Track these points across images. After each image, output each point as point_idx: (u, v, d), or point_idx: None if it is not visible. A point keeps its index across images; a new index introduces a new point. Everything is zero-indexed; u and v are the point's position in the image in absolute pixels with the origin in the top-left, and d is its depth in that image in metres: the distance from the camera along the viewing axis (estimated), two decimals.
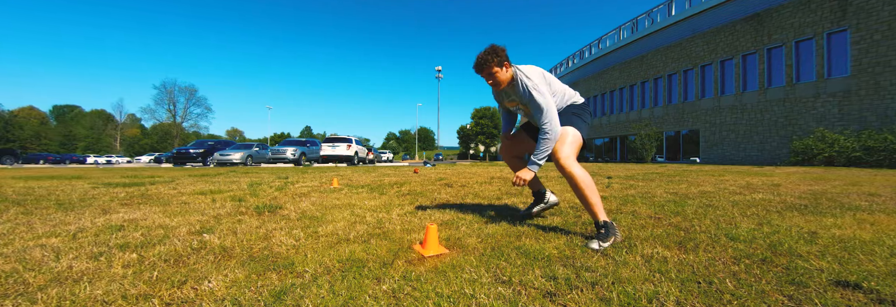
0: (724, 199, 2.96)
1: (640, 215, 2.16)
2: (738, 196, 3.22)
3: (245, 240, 1.51)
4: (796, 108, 14.23)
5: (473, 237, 1.54)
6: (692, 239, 1.53)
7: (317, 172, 7.60)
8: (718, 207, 2.49)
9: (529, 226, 1.82)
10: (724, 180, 5.06)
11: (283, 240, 1.48)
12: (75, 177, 6.15)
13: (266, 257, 1.27)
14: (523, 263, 1.16)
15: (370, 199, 2.88)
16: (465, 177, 5.86)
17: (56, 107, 71.79)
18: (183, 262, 1.21)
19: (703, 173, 6.85)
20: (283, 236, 1.56)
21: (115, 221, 1.97)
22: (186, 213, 2.21)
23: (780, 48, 15.06)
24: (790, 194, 3.35)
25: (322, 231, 1.65)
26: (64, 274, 1.09)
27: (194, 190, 3.74)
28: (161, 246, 1.41)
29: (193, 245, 1.42)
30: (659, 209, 2.40)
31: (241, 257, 1.27)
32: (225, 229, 1.73)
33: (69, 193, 3.58)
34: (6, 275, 1.07)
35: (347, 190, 3.66)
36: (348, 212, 2.24)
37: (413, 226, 1.77)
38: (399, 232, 1.66)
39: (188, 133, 62.87)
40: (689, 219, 2.03)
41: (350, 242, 1.46)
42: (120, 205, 2.68)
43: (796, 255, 1.29)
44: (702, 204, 2.68)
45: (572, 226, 1.84)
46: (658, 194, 3.32)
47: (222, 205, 2.58)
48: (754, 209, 2.42)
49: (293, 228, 1.72)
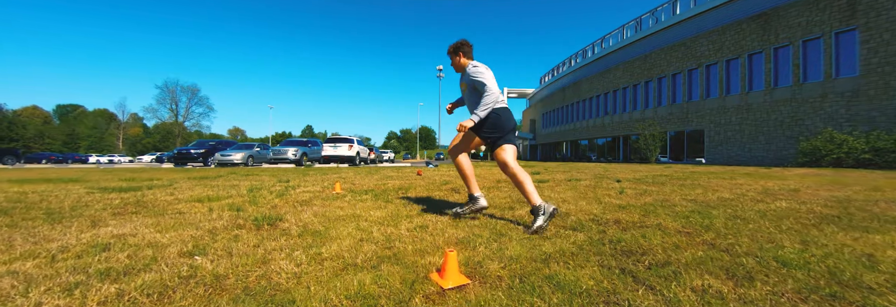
0: (748, 209, 2.80)
1: (668, 230, 2.00)
2: (762, 204, 3.06)
3: (241, 265, 1.35)
4: (803, 109, 14.03)
5: (495, 261, 1.38)
6: (740, 264, 1.37)
7: (318, 174, 7.45)
8: (749, 220, 2.33)
9: (552, 241, 1.67)
10: (738, 185, 4.90)
11: (283, 266, 1.33)
12: (72, 180, 6.01)
13: (263, 290, 1.11)
14: (560, 301, 1.00)
15: (376, 209, 2.72)
16: None
17: (59, 106, 71.82)
18: (168, 298, 1.06)
19: (712, 176, 6.68)
20: (284, 260, 1.40)
21: (103, 237, 1.82)
22: (180, 227, 2.06)
23: (788, 47, 14.84)
24: (815, 202, 3.19)
25: (326, 252, 1.50)
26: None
27: (192, 196, 3.59)
28: (146, 273, 1.26)
29: (182, 272, 1.27)
30: (685, 221, 2.24)
31: (235, 290, 1.12)
32: (219, 249, 1.58)
33: (62, 200, 3.44)
34: None
35: (351, 197, 3.51)
36: (353, 225, 2.09)
37: (426, 245, 1.61)
38: (411, 253, 1.50)
39: (190, 132, 62.86)
40: (724, 236, 1.87)
41: (358, 269, 1.30)
42: (111, 216, 2.53)
43: (866, 288, 1.14)
44: (728, 214, 2.52)
45: (599, 243, 1.68)
46: (676, 202, 3.16)
47: (219, 216, 2.43)
48: (788, 222, 2.26)
49: (295, 248, 1.57)
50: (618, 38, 25.83)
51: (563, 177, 6.61)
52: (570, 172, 8.28)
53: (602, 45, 27.75)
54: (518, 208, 2.73)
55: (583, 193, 3.75)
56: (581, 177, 6.61)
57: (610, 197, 3.48)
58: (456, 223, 2.12)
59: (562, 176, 6.94)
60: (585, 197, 3.45)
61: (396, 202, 3.11)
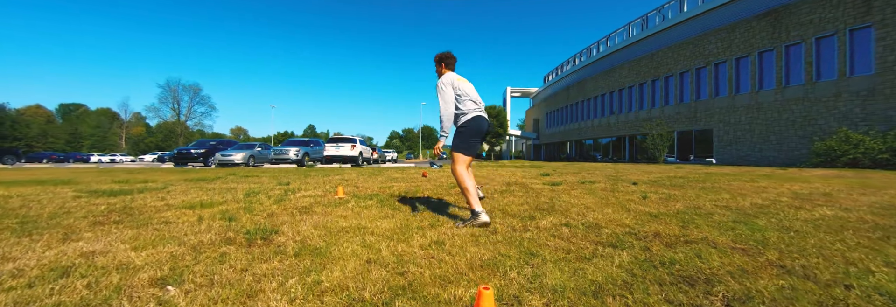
0: (792, 217, 2.53)
1: (721, 247, 1.74)
2: (804, 212, 2.79)
3: (220, 299, 1.10)
4: (816, 108, 13.68)
5: (535, 294, 1.12)
6: (838, 298, 1.11)
7: (320, 175, 7.21)
8: (803, 232, 2.06)
9: (594, 264, 1.41)
10: (763, 188, 4.62)
11: (275, 303, 1.07)
12: (64, 182, 5.78)
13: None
14: None
15: (382, 218, 2.46)
16: (480, 183, 5.44)
17: (62, 105, 71.92)
18: None
19: (730, 177, 6.39)
20: (275, 292, 1.15)
21: (69, 256, 1.57)
22: (161, 242, 1.81)
23: (800, 45, 14.48)
24: (859, 209, 2.91)
25: (327, 281, 1.24)
26: None
27: (183, 201, 3.35)
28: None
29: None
30: (733, 235, 1.97)
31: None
32: (199, 274, 1.32)
33: (44, 205, 3.20)
34: None
35: (354, 202, 3.26)
36: (359, 240, 1.83)
37: (446, 270, 1.35)
38: (430, 281, 1.24)
39: (192, 131, 62.82)
40: (789, 254, 1.60)
41: (366, 305, 1.05)
42: (90, 226, 2.28)
43: None
44: (775, 225, 2.25)
45: (650, 266, 1.42)
46: (709, 209, 2.89)
47: (208, 227, 2.18)
48: (849, 235, 1.99)
49: (289, 274, 1.31)
50: (623, 36, 25.46)
51: (574, 179, 6.34)
52: (580, 174, 8.00)
53: (607, 44, 27.38)
54: (540, 217, 2.47)
55: (604, 199, 3.48)
56: (594, 179, 6.34)
57: (634, 203, 3.21)
58: (476, 238, 1.86)
59: (573, 177, 6.66)
60: (608, 203, 3.19)
61: (404, 209, 2.85)
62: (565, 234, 1.96)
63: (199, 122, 62.15)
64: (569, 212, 2.70)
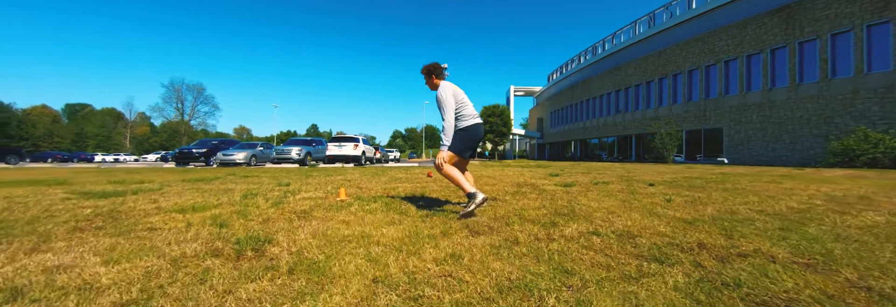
0: (841, 224, 2.28)
1: (782, 261, 1.49)
2: (850, 217, 2.53)
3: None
4: (832, 106, 13.30)
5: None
6: None
7: (322, 176, 7.00)
8: (866, 243, 1.81)
9: (644, 285, 1.17)
10: (789, 189, 4.34)
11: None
12: (59, 182, 5.61)
13: None
14: None
15: (389, 224, 2.24)
16: (488, 184, 5.21)
17: (68, 105, 72.47)
18: None
19: (748, 178, 6.11)
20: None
21: (29, 271, 1.36)
22: (138, 254, 1.60)
23: (814, 41, 14.11)
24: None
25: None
26: None
27: (175, 204, 3.14)
28: None
29: None
30: (790, 247, 1.73)
31: None
32: (173, 299, 1.10)
33: (29, 208, 3.00)
34: None
35: (357, 206, 3.03)
36: (363, 253, 1.61)
37: (469, 293, 1.12)
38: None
39: (196, 131, 63.00)
40: (869, 272, 1.36)
41: None
42: (67, 233, 2.07)
43: None
44: (830, 234, 2.00)
45: (713, 289, 1.18)
46: (745, 214, 2.64)
47: (195, 235, 1.96)
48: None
49: (280, 299, 1.09)
50: (629, 33, 25.07)
51: (586, 179, 6.08)
52: (590, 174, 7.74)
53: (613, 42, 26.99)
54: (562, 224, 2.23)
55: (625, 202, 3.24)
56: (606, 179, 6.08)
57: (660, 206, 2.96)
58: (497, 250, 1.62)
59: (584, 178, 6.41)
60: (632, 207, 2.94)
61: (412, 214, 2.63)
62: (598, 245, 1.72)
63: (203, 121, 62.32)
64: (592, 217, 2.46)
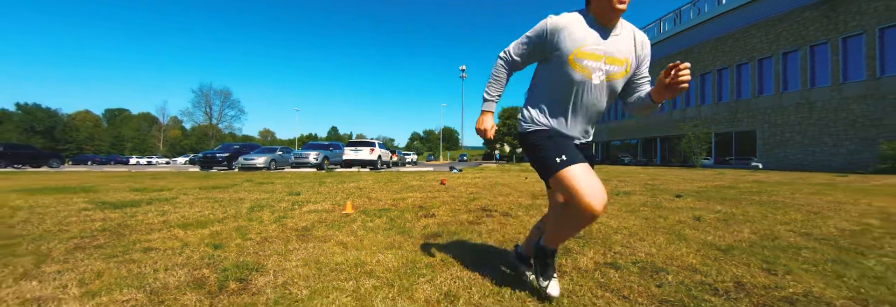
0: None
1: None
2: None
3: None
4: (881, 106, 12.26)
5: None
6: None
7: (335, 182, 6.98)
8: None
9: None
10: (838, 203, 3.92)
11: None
12: (85, 189, 5.81)
13: None
14: None
15: (388, 248, 2.10)
16: (502, 194, 5.00)
17: (108, 110, 76.90)
18: None
19: (788, 187, 5.61)
20: None
21: (8, 304, 1.30)
22: (119, 286, 1.52)
23: (860, 37, 13.07)
24: None
25: None
26: None
27: (181, 218, 3.12)
28: None
29: None
30: (849, 289, 1.46)
31: None
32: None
33: (45, 220, 3.06)
34: None
35: (361, 221, 2.91)
36: (351, 287, 1.47)
37: None
38: None
39: (224, 134, 65.53)
40: None
41: None
42: (65, 253, 2.04)
43: None
44: (892, 268, 1.71)
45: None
46: (787, 237, 2.34)
47: (186, 260, 1.89)
48: None
49: None
50: (654, 32, 24.16)
51: (606, 188, 5.76)
52: (611, 181, 7.38)
53: None
54: (577, 251, 2.02)
55: (650, 220, 2.97)
56: (628, 188, 5.75)
57: (689, 227, 2.68)
58: (499, 291, 1.44)
59: (605, 186, 6.09)
60: (657, 227, 2.68)
61: (415, 234, 2.48)
62: (616, 284, 1.51)
63: (230, 124, 64.84)
64: (611, 241, 2.24)
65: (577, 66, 1.22)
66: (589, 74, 1.23)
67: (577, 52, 1.21)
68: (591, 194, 1.18)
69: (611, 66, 1.24)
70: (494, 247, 2.12)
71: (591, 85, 1.25)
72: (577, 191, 1.17)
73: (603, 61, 1.23)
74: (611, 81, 1.27)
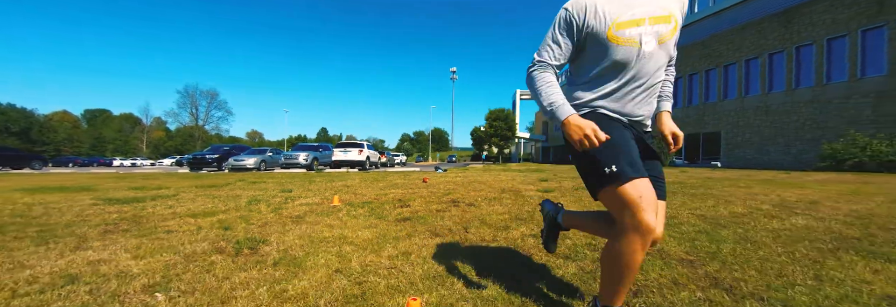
0: (761, 227, 2.61)
1: (671, 258, 1.86)
2: (777, 221, 2.85)
3: (198, 305, 1.29)
4: (826, 110, 13.39)
5: (469, 303, 1.28)
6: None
7: (325, 181, 7.46)
8: (760, 243, 2.15)
9: (534, 277, 1.55)
10: (753, 195, 4.63)
11: None
12: (84, 188, 6.15)
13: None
14: None
15: (366, 228, 2.65)
16: (475, 189, 5.59)
17: (87, 111, 74.76)
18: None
19: (728, 182, 6.38)
20: (245, 298, 1.33)
21: (76, 265, 1.79)
22: (159, 251, 2.03)
23: (810, 46, 14.22)
24: (834, 218, 2.96)
25: (292, 290, 1.42)
26: None
27: (189, 210, 3.60)
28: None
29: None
30: (690, 246, 2.08)
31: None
32: (186, 282, 1.52)
33: (64, 213, 3.49)
34: None
35: (346, 211, 3.45)
36: (335, 250, 2.01)
37: (401, 280, 1.52)
38: (382, 291, 1.41)
39: (210, 135, 64.60)
40: (730, 266, 1.71)
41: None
42: (100, 235, 2.52)
43: None
44: (738, 236, 2.35)
45: (590, 280, 1.56)
46: (684, 218, 2.98)
47: (205, 236, 2.39)
48: (802, 247, 2.07)
49: (262, 283, 1.50)
50: None
51: (570, 184, 6.42)
52: (578, 179, 8.07)
53: None
54: (513, 227, 2.61)
55: (587, 207, 3.60)
56: None
57: None
58: (443, 250, 2.02)
59: (570, 183, 6.74)
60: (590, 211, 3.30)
61: (390, 218, 3.03)
62: (528, 246, 2.10)
63: (217, 126, 64.02)
64: (539, 219, 2.83)
65: (620, 40, 1.05)
66: (637, 43, 1.05)
67: (614, 25, 1.05)
68: (651, 211, 0.96)
69: (658, 26, 1.06)
70: (451, 226, 2.69)
71: (645, 53, 1.06)
72: (635, 206, 0.95)
73: (647, 23, 1.05)
74: (664, 44, 1.08)
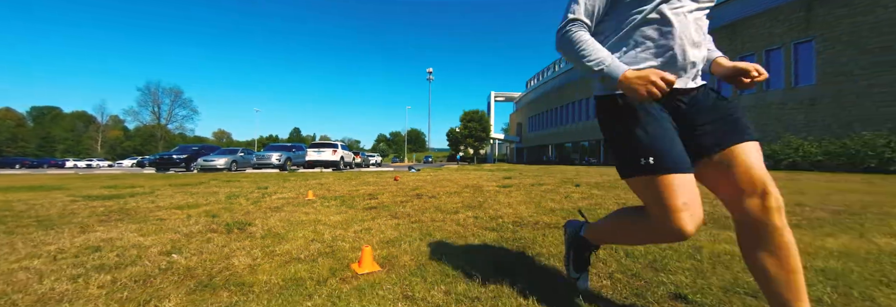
0: None
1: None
2: None
3: (208, 260, 1.73)
4: (766, 115, 14.90)
5: (408, 255, 1.78)
6: None
7: (299, 180, 7.76)
8: None
9: (463, 239, 2.08)
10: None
11: (241, 260, 1.71)
12: (55, 187, 6.20)
13: (224, 276, 1.49)
14: (434, 281, 1.41)
15: (337, 214, 3.10)
16: (441, 185, 6.11)
17: (34, 108, 69.76)
18: (150, 283, 1.43)
19: None
20: (243, 256, 1.78)
21: (93, 241, 2.16)
22: (160, 232, 2.41)
23: (752, 56, 15.76)
24: None
25: (279, 250, 1.88)
26: (47, 295, 1.30)
27: (172, 203, 3.91)
28: (133, 267, 1.63)
29: (161, 265, 1.64)
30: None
31: (202, 277, 1.49)
32: (193, 249, 1.94)
33: (49, 208, 3.71)
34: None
35: (320, 203, 3.88)
36: (311, 229, 2.47)
37: (360, 244, 2.01)
38: (347, 250, 1.90)
39: (174, 135, 61.86)
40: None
41: (300, 262, 1.69)
42: (98, 223, 2.85)
43: (670, 272, 1.57)
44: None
45: (502, 241, 2.10)
46: (609, 206, 3.61)
47: (196, 222, 2.78)
48: None
49: (254, 248, 1.95)
50: None
51: (530, 181, 7.06)
52: (540, 177, 8.76)
53: None
54: (462, 212, 3.14)
55: (531, 198, 4.19)
56: (547, 181, 7.08)
57: (553, 201, 3.91)
58: (397, 226, 2.52)
59: (530, 180, 7.39)
60: (530, 202, 3.89)
61: (358, 208, 3.50)
62: (467, 222, 2.64)
63: (181, 125, 61.41)
64: (490, 208, 3.39)
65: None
66: None
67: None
68: (687, 211, 0.89)
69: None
70: (410, 212, 3.19)
71: None
72: (670, 206, 0.89)
73: None
74: None
